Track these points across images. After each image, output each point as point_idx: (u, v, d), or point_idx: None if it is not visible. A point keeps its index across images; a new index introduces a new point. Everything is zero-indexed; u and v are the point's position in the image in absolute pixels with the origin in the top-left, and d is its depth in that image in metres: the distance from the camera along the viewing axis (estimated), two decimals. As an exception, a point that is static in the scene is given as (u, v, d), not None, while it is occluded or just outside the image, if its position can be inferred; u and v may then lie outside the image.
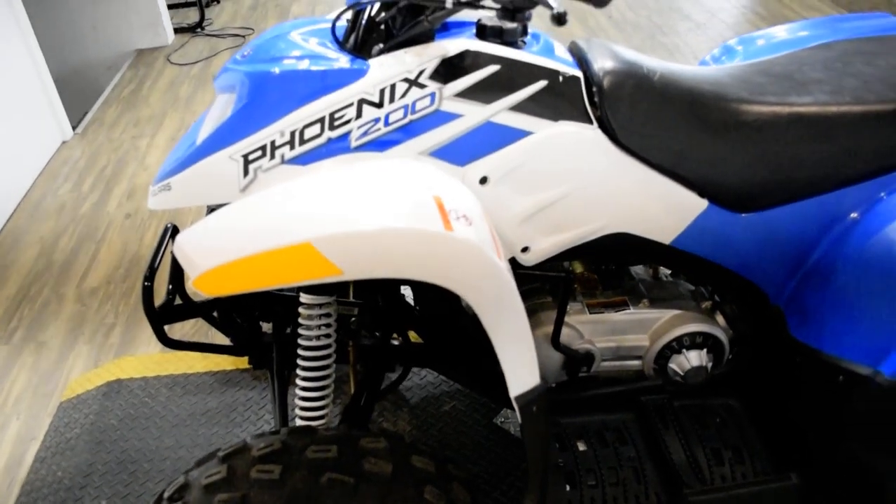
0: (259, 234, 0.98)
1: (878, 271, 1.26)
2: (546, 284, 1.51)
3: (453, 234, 0.95)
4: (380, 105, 1.15)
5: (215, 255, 0.99)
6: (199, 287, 0.99)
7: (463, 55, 1.16)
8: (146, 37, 4.83)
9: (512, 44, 1.21)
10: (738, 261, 1.38)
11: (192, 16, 5.28)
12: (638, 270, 1.62)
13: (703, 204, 1.32)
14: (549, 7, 0.99)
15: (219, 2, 5.57)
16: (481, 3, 1.06)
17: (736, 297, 1.49)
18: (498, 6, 1.08)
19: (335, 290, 1.42)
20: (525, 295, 1.51)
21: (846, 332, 1.28)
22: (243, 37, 4.79)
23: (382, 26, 1.22)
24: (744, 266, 1.39)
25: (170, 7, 5.20)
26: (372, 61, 1.16)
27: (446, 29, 1.32)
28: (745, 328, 1.49)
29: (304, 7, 5.29)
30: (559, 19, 0.97)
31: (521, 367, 1.06)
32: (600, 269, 1.56)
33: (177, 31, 5.02)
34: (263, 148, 1.14)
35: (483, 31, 1.21)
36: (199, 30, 5.02)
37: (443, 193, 1.02)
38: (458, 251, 0.96)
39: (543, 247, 1.29)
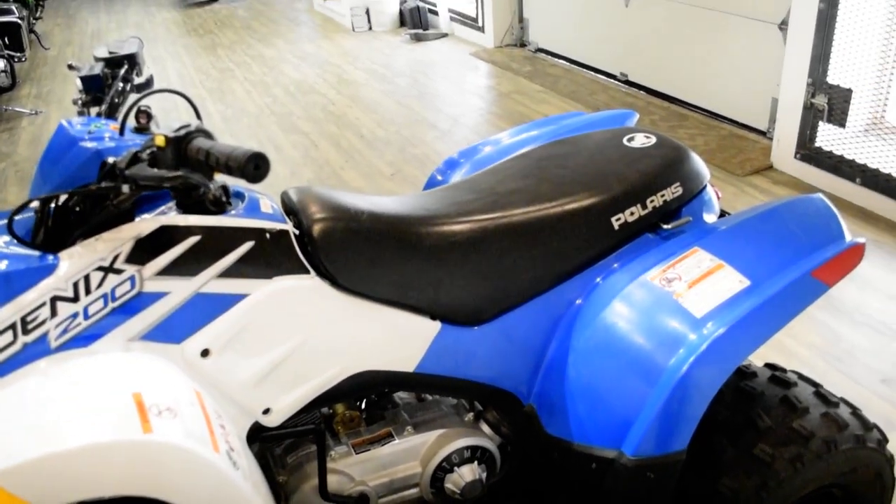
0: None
1: (602, 355, 1.35)
2: (311, 435, 1.47)
3: (151, 436, 0.89)
4: (75, 299, 1.08)
5: None
6: None
7: (159, 232, 1.13)
8: None
9: (214, 210, 1.20)
10: (484, 371, 1.43)
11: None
12: (402, 395, 1.63)
13: (436, 326, 1.36)
14: (208, 188, 0.99)
15: (-51, 177, 5.15)
16: (160, 185, 1.04)
17: (493, 405, 1.53)
18: (172, 186, 1.08)
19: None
20: (289, 449, 1.46)
21: (589, 419, 1.34)
22: (-20, 213, 4.43)
23: (77, 211, 1.16)
24: (490, 375, 1.43)
25: None
26: (62, 254, 1.10)
27: (151, 202, 1.28)
28: (509, 432, 1.53)
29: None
30: (216, 202, 0.97)
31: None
32: (363, 403, 1.55)
33: None
34: None
35: (182, 203, 1.19)
36: (-73, 213, 4.60)
37: (143, 387, 0.96)
38: (159, 455, 0.90)
39: (285, 404, 1.26)
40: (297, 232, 1.27)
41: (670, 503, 1.34)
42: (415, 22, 7.22)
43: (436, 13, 7.24)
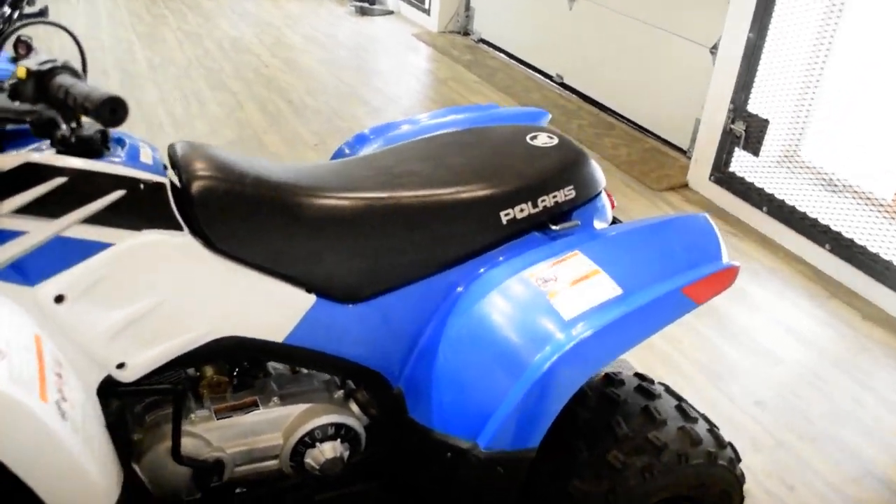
0: None
1: (472, 345, 1.36)
2: (169, 395, 1.43)
3: (-35, 377, 0.85)
4: (-81, 229, 1.03)
5: None
6: None
7: (23, 168, 1.08)
8: None
9: (91, 152, 1.15)
10: (355, 349, 1.42)
11: None
12: (277, 366, 1.61)
13: (311, 299, 1.34)
14: (59, 127, 0.95)
15: None
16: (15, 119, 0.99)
17: (364, 384, 1.52)
18: (28, 119, 1.03)
19: None
20: (149, 408, 1.42)
21: (451, 408, 1.35)
22: None
23: None
24: (361, 354, 1.43)
25: None
26: None
27: (26, 137, 1.22)
28: (377, 413, 1.52)
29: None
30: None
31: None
32: (235, 369, 1.53)
33: None
34: None
35: (58, 141, 1.14)
36: None
37: (-28, 326, 0.92)
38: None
39: (142, 360, 1.22)
40: (178, 186, 1.24)
41: (516, 499, 1.36)
42: (363, -5, 7.12)
43: (385, -11, 7.15)
